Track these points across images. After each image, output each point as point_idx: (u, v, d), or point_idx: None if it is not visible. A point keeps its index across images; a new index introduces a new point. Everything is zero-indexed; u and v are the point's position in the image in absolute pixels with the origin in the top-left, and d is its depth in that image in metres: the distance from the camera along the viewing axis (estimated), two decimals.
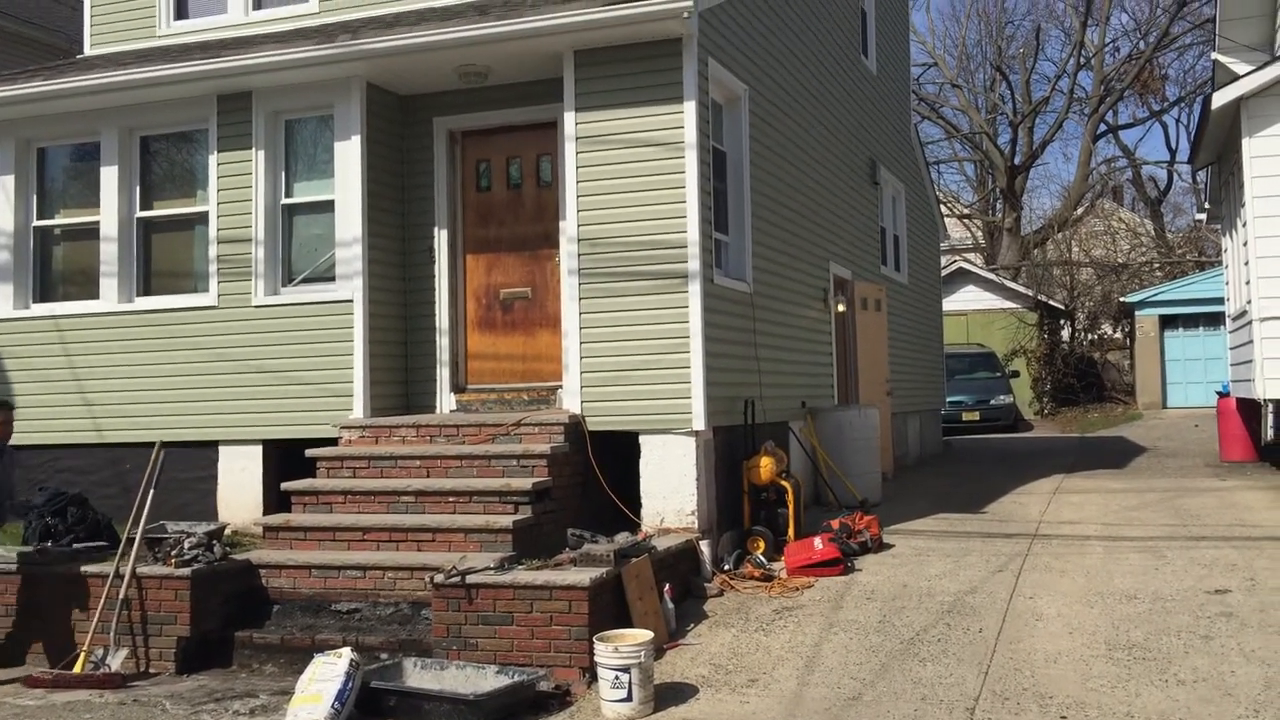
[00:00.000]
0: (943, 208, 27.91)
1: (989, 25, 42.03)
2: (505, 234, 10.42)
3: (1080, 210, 38.87)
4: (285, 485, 9.18)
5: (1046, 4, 42.33)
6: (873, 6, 16.02)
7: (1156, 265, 34.41)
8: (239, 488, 10.21)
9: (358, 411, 9.81)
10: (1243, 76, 13.11)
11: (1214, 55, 16.69)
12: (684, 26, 8.73)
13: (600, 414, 9.05)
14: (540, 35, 9.05)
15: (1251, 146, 12.70)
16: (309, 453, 9.39)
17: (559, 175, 9.96)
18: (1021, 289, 30.73)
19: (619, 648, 6.66)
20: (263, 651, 7.79)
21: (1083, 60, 38.34)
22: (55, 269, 11.29)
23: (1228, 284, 16.64)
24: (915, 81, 35.59)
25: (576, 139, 9.20)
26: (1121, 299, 29.96)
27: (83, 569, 8.24)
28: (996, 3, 43.38)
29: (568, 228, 9.28)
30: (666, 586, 7.81)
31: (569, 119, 9.25)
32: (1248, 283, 13.12)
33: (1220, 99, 12.84)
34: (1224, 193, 15.98)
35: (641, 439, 8.98)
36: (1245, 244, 13.15)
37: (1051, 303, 30.67)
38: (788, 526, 9.58)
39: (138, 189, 10.84)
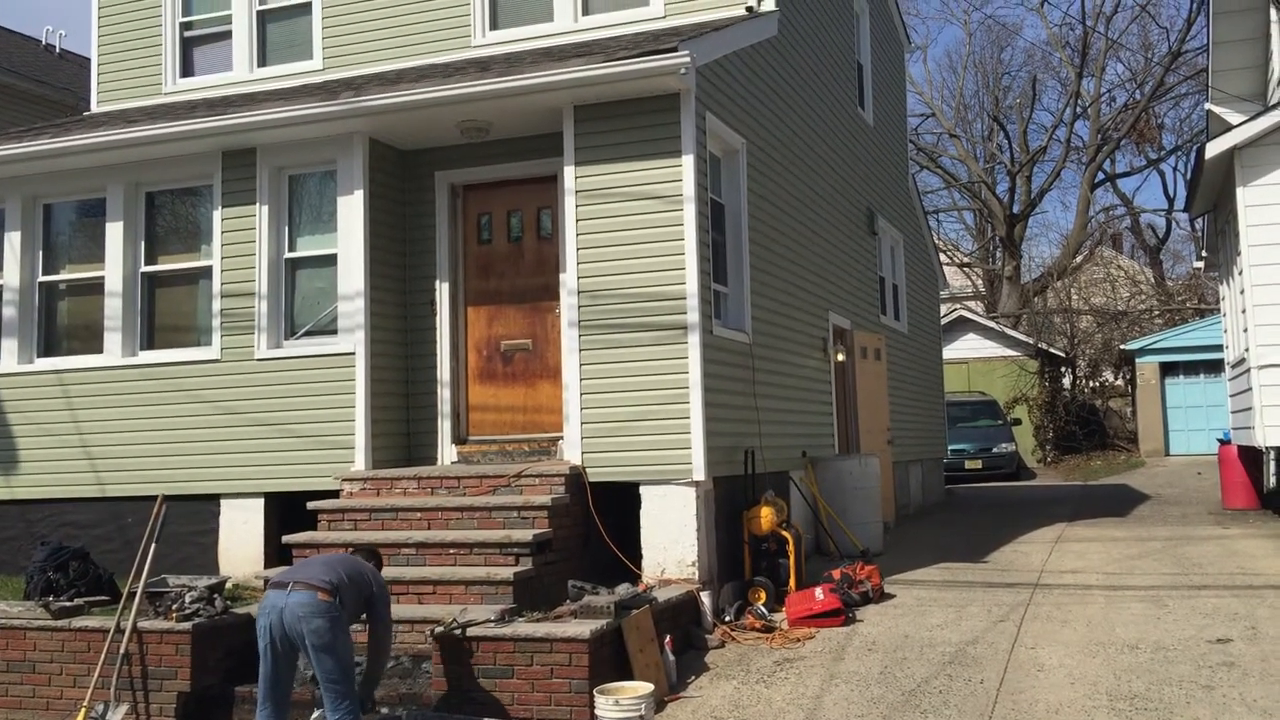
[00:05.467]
0: (942, 256, 28.05)
1: (986, 76, 42.52)
2: (506, 286, 10.50)
3: (1079, 258, 39.05)
4: (286, 538, 9.20)
5: (1042, 55, 42.73)
6: (869, 59, 16.22)
7: (1156, 312, 34.52)
8: (240, 541, 10.23)
9: (359, 464, 9.84)
10: (1236, 126, 13.26)
11: (1208, 105, 16.87)
12: (682, 82, 8.86)
13: (601, 465, 9.07)
14: (540, 91, 9.18)
15: (1246, 196, 12.82)
16: (310, 505, 9.42)
17: (559, 228, 10.06)
18: (1022, 337, 30.81)
19: (620, 700, 6.66)
20: None
21: (1079, 110, 38.70)
22: (60, 323, 11.37)
23: (1226, 331, 16.71)
24: (913, 132, 35.93)
25: (576, 192, 9.31)
26: (1122, 346, 30.02)
27: (84, 623, 8.23)
28: (993, 54, 43.95)
29: (568, 280, 9.36)
30: (667, 638, 7.80)
31: (569, 173, 9.37)
32: (1245, 330, 13.18)
33: (1214, 149, 12.98)
34: (1220, 241, 16.09)
35: (642, 490, 9.00)
36: (1242, 292, 13.23)
37: (1052, 350, 30.73)
38: (789, 577, 9.57)
39: (142, 244, 10.95)
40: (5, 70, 19.29)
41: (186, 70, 12.70)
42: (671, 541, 8.87)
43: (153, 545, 8.43)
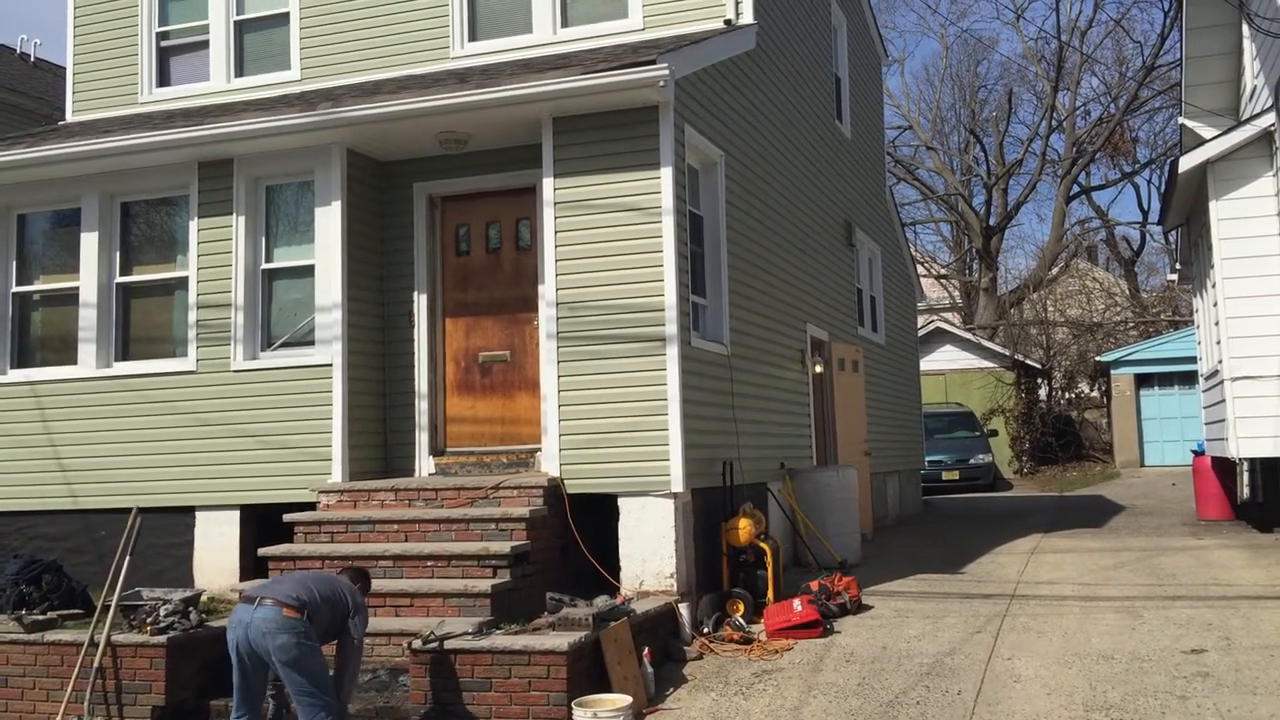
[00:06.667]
0: (919, 268, 28.22)
1: (962, 89, 42.80)
2: (484, 298, 10.49)
3: (1055, 270, 39.30)
4: (262, 551, 9.14)
5: (1018, 69, 43.01)
6: (846, 72, 16.30)
7: (1131, 324, 34.76)
8: (216, 553, 10.16)
9: (336, 476, 9.79)
10: (1209, 141, 13.38)
11: (1181, 120, 17.02)
12: (660, 94, 8.88)
13: (579, 476, 9.06)
14: (519, 103, 9.18)
15: (1219, 209, 12.92)
16: (286, 517, 9.37)
17: (538, 239, 10.06)
18: (998, 348, 30.96)
19: (598, 713, 6.65)
20: None
21: (1054, 123, 39.02)
22: (34, 334, 11.29)
23: (1200, 343, 16.83)
24: (890, 144, 36.07)
25: (555, 204, 9.31)
26: (1097, 358, 30.21)
27: (57, 637, 8.16)
28: (969, 67, 44.17)
29: (546, 291, 9.35)
30: (645, 650, 7.78)
31: (547, 184, 9.36)
32: (1219, 343, 13.29)
33: (1187, 163, 13.08)
34: (1194, 254, 16.22)
35: (620, 501, 8.99)
36: (1215, 304, 13.34)
37: (1028, 362, 30.89)
38: (767, 588, 9.57)
39: (118, 254, 10.88)
40: None
41: (163, 80, 12.64)
42: (650, 553, 8.86)
43: (127, 558, 8.36)
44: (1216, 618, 8.86)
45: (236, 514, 10.14)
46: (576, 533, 8.94)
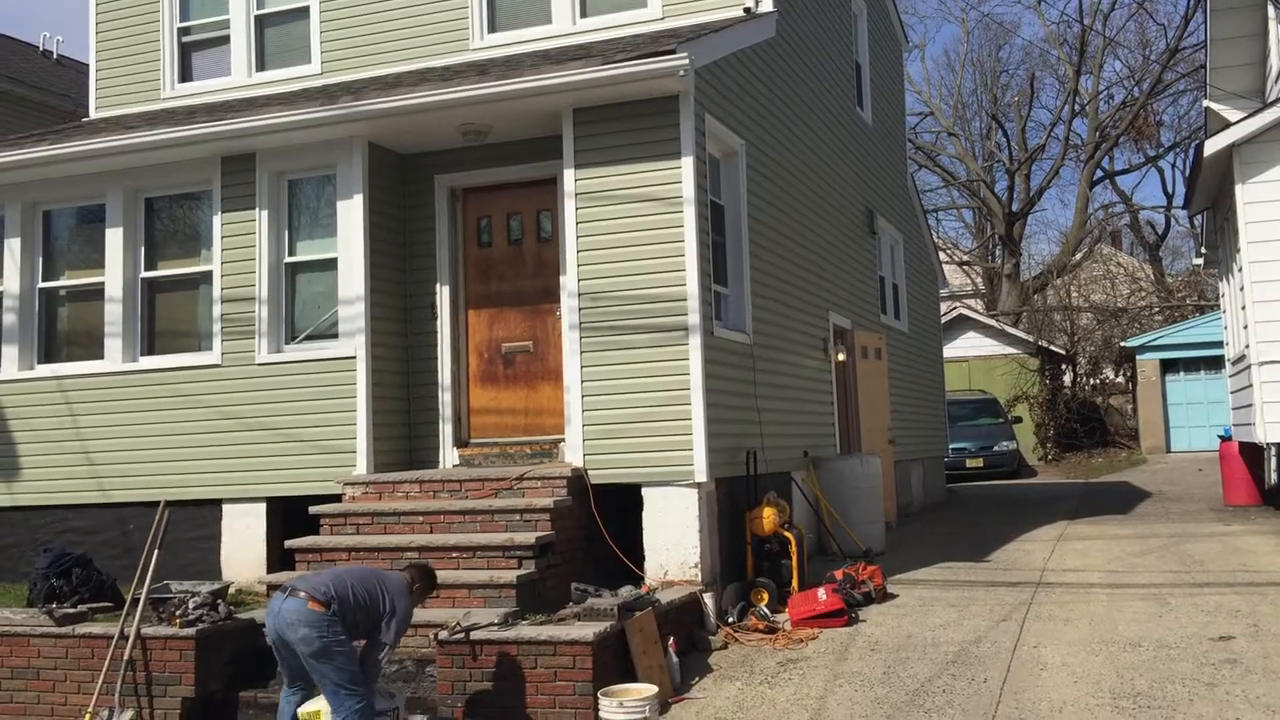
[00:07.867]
0: (942, 255, 28.09)
1: (984, 74, 42.54)
2: (507, 289, 10.51)
3: (1079, 255, 39.04)
4: (289, 543, 9.20)
5: (1040, 53, 42.72)
6: (867, 58, 16.22)
7: (1156, 309, 34.52)
8: (243, 546, 10.22)
9: (361, 468, 9.84)
10: (1234, 124, 13.26)
11: (1206, 102, 16.88)
12: (680, 84, 8.86)
13: (602, 467, 9.08)
14: (539, 94, 9.18)
15: (1245, 192, 12.82)
16: (312, 510, 9.41)
17: (559, 230, 10.07)
18: (1022, 335, 30.79)
19: (624, 703, 6.66)
20: (267, 711, 7.75)
21: (1077, 108, 38.71)
22: (60, 330, 11.37)
23: (1226, 328, 16.72)
24: (912, 131, 35.93)
25: (576, 195, 9.31)
26: (1122, 343, 30.01)
27: (87, 630, 8.24)
28: (991, 52, 43.98)
29: (568, 282, 9.36)
30: (671, 640, 7.80)
31: (568, 175, 9.36)
32: (1245, 327, 13.18)
33: (1212, 146, 12.98)
34: (1220, 237, 16.10)
35: (644, 491, 9.00)
36: (1242, 288, 13.24)
37: (1053, 348, 30.71)
38: (791, 577, 9.57)
39: (142, 249, 10.95)
40: (3, 76, 19.30)
41: (185, 75, 12.71)
42: (674, 543, 8.87)
43: (155, 551, 8.43)
44: (1244, 604, 8.81)
45: (263, 506, 10.20)
46: (601, 523, 8.96)
